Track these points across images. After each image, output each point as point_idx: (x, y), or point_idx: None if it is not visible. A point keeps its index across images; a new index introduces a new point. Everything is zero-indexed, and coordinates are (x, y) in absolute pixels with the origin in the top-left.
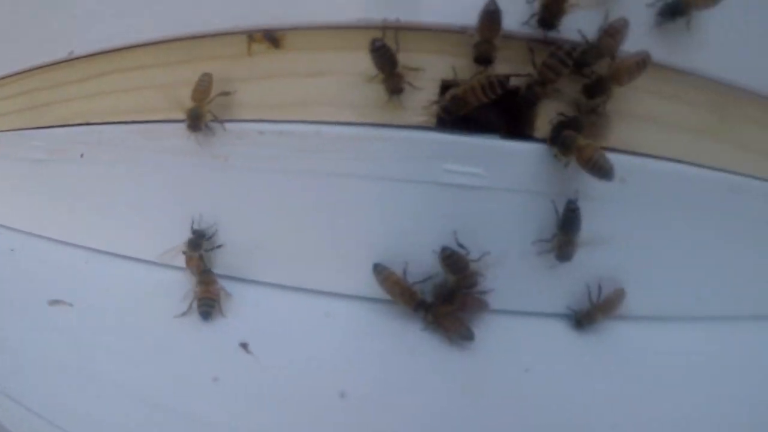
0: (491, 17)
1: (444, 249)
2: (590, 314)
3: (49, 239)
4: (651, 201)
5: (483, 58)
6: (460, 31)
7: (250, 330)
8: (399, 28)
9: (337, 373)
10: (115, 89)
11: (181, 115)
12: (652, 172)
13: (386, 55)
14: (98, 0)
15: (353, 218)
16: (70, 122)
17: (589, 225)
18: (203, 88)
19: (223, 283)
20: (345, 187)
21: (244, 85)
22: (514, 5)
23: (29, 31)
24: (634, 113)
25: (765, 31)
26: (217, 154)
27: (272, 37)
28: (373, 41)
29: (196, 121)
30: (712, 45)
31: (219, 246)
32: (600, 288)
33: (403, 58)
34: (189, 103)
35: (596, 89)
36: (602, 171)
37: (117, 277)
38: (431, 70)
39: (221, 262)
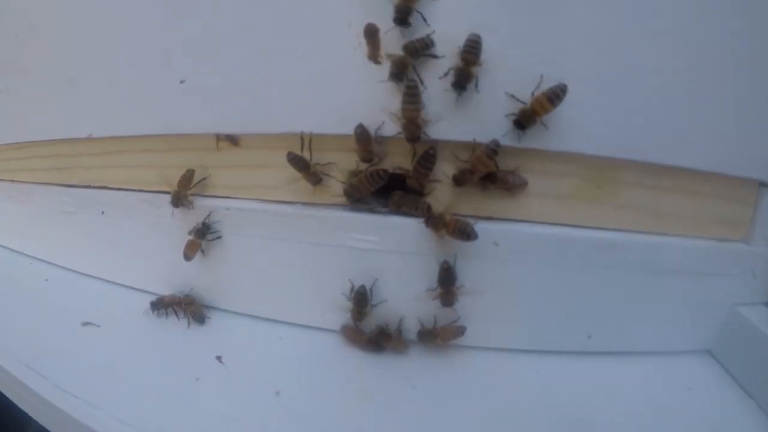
0: (360, 137)
1: (359, 288)
2: (431, 334)
3: (77, 272)
4: (522, 259)
5: (363, 160)
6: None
7: (224, 346)
8: (313, 135)
9: (276, 377)
10: (126, 165)
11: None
12: (524, 235)
13: (299, 161)
14: (109, 98)
15: (292, 269)
16: (92, 185)
17: (468, 278)
18: (187, 179)
19: (207, 311)
20: (285, 248)
21: (215, 171)
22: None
23: (57, 108)
24: (506, 186)
25: (622, 103)
26: (195, 221)
27: (232, 139)
28: (288, 154)
29: (177, 200)
30: (575, 127)
31: (218, 237)
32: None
33: (319, 157)
34: (175, 186)
35: (461, 180)
36: (465, 234)
37: (130, 303)
38: (341, 164)
39: (206, 297)
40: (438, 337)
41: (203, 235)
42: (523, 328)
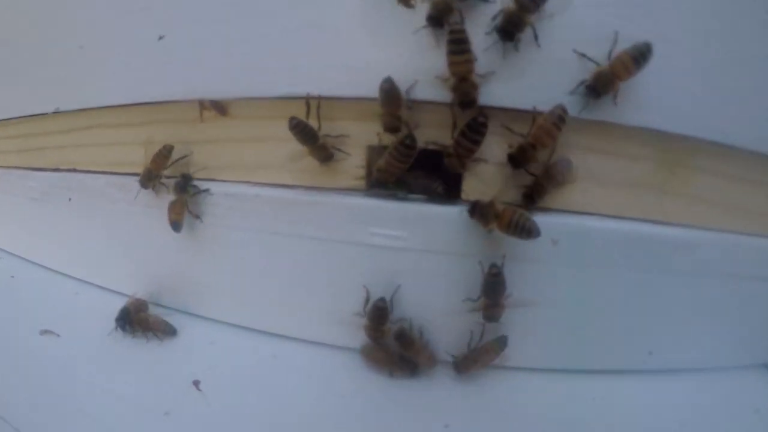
0: (387, 95)
1: (377, 301)
2: (466, 362)
3: (46, 268)
4: (586, 261)
5: (388, 129)
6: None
7: (203, 367)
8: (322, 99)
9: (268, 409)
10: (96, 143)
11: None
12: (588, 231)
13: (304, 131)
14: (77, 65)
15: (292, 271)
16: (60, 167)
17: (518, 286)
18: (162, 156)
19: (181, 318)
20: (283, 244)
21: (197, 147)
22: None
23: (22, 83)
24: None
25: (706, 78)
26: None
27: (219, 106)
28: (290, 119)
29: (147, 180)
30: (653, 99)
31: (206, 190)
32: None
33: (329, 128)
34: (147, 164)
35: (520, 158)
36: (524, 230)
37: (99, 309)
38: (356, 137)
39: (182, 300)
40: (477, 362)
41: (185, 188)
42: (578, 345)
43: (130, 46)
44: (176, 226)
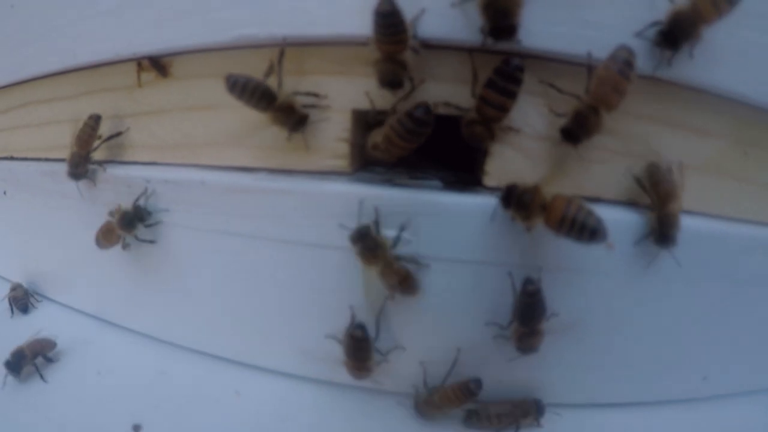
0: (386, 23)
1: (354, 330)
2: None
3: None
4: (643, 268)
5: (387, 82)
6: (366, 44)
7: (148, 406)
8: (288, 45)
9: None
10: (31, 123)
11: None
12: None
13: (252, 90)
14: (8, 27)
15: (257, 284)
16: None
17: (562, 305)
18: (88, 133)
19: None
20: (243, 248)
21: (134, 122)
22: None
23: None
24: (628, 150)
25: None
26: (111, 201)
27: (158, 65)
28: (227, 78)
29: (75, 168)
30: (736, 56)
31: (158, 222)
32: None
33: (302, 83)
34: (73, 147)
35: (579, 129)
36: (586, 232)
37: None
38: (337, 97)
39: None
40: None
41: (130, 226)
42: (627, 374)
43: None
44: (99, 244)
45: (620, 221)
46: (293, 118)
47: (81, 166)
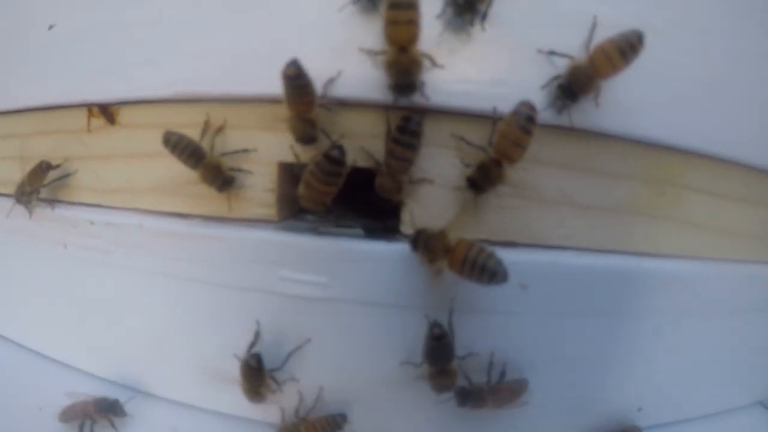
0: (294, 87)
1: (249, 358)
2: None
3: None
4: (563, 309)
5: (301, 138)
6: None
7: None
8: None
9: None
10: None
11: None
12: (565, 270)
13: (183, 148)
14: None
15: (189, 324)
16: None
17: (478, 344)
18: (36, 175)
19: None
20: (175, 290)
21: (82, 164)
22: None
23: None
24: (538, 195)
25: (706, 78)
26: (57, 240)
27: (107, 112)
28: (164, 134)
29: (20, 195)
30: (641, 102)
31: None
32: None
33: (233, 136)
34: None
35: (483, 179)
36: (486, 273)
37: None
38: (265, 151)
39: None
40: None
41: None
42: (555, 411)
43: (18, 38)
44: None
45: (533, 263)
46: (220, 178)
47: (25, 195)
